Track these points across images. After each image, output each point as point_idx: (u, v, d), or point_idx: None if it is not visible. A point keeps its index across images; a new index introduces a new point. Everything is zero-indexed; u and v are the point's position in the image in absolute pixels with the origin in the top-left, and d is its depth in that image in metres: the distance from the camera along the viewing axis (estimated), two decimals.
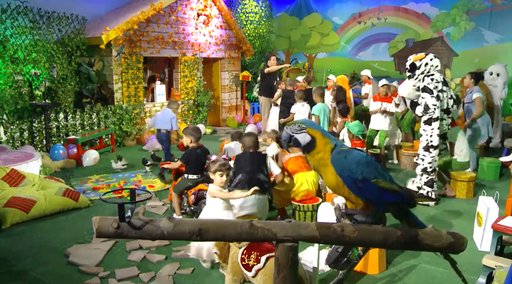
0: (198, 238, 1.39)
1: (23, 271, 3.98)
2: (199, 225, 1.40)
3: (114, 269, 4.00)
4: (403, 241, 1.44)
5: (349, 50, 13.80)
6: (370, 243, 1.47)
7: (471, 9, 11.48)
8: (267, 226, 1.41)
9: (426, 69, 5.86)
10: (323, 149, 2.05)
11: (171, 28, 10.74)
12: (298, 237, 1.41)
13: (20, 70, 8.15)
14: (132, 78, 9.89)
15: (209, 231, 1.39)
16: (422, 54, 5.94)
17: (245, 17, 14.08)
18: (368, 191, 1.96)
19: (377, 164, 2.05)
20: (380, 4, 13.04)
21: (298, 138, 2.07)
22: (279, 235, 1.41)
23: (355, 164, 1.98)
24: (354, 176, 1.98)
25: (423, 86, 5.82)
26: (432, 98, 5.73)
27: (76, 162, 7.84)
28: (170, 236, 1.39)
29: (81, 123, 8.96)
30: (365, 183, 1.96)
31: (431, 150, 5.84)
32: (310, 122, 2.18)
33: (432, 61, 5.87)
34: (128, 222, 1.43)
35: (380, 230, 1.45)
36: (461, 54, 11.81)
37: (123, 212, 1.46)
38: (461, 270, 1.94)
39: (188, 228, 1.38)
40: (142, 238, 1.42)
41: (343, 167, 2.00)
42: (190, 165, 5.18)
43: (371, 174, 2.01)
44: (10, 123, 7.78)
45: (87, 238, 4.72)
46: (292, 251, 1.42)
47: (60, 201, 5.47)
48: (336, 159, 2.03)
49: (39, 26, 8.47)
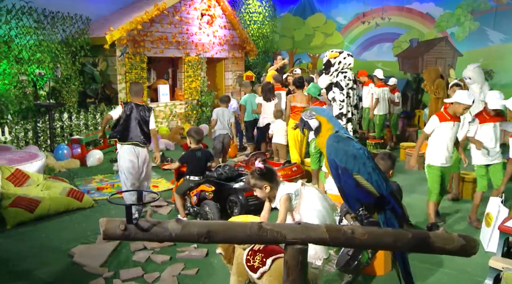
0: (206, 240, 1.37)
1: (28, 271, 3.98)
2: (207, 227, 1.38)
3: (119, 269, 3.99)
4: (414, 244, 1.43)
5: (353, 50, 13.72)
6: (380, 245, 1.46)
7: (476, 8, 11.42)
8: (276, 228, 1.39)
9: (340, 66, 6.23)
10: (326, 134, 2.24)
11: (174, 28, 10.74)
12: (308, 239, 1.40)
13: (25, 70, 8.17)
14: (136, 78, 9.89)
15: (217, 233, 1.37)
16: (336, 53, 6.29)
17: (249, 17, 14.07)
18: (344, 181, 2.10)
19: (369, 162, 2.13)
20: (384, 4, 12.99)
21: (310, 123, 2.32)
22: (289, 237, 1.39)
23: (343, 151, 2.14)
24: (338, 161, 2.14)
25: (335, 81, 6.25)
26: (341, 94, 6.20)
27: (80, 162, 7.84)
28: (178, 238, 1.38)
29: (85, 123, 8.96)
30: (344, 173, 2.11)
31: None
32: (320, 109, 2.42)
33: (346, 59, 6.23)
34: (136, 224, 1.42)
35: (390, 232, 1.44)
36: (466, 54, 11.75)
37: (131, 214, 1.44)
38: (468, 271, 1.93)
39: (196, 230, 1.37)
40: (150, 240, 1.41)
41: (331, 149, 2.17)
42: (191, 167, 5.16)
43: (355, 167, 2.16)
44: (15, 123, 7.80)
45: (92, 238, 4.71)
46: (301, 254, 1.41)
47: (64, 201, 5.48)
48: (328, 140, 2.20)
49: (44, 26, 8.49)
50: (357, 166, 2.12)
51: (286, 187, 3.26)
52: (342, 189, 2.15)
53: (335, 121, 2.32)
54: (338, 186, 2.17)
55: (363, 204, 2.14)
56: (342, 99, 6.22)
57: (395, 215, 2.18)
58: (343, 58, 6.27)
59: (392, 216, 2.17)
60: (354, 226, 1.42)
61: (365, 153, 2.18)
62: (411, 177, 7.09)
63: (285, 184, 3.32)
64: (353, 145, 2.18)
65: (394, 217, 2.17)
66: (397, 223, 2.15)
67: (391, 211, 2.17)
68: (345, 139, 2.19)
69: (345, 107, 6.27)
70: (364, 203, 2.16)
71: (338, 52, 6.36)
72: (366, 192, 2.12)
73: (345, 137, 2.20)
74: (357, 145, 2.21)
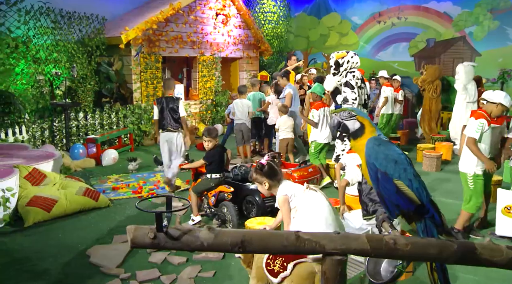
0: (240, 250, 1.31)
1: (46, 270, 3.97)
2: (241, 236, 1.31)
3: (135, 270, 3.96)
4: (459, 256, 1.35)
5: (368, 50, 13.60)
6: (424, 256, 1.38)
7: (496, 7, 11.21)
8: (315, 238, 1.32)
9: (348, 65, 6.37)
10: (367, 137, 2.13)
11: (189, 27, 10.73)
12: (348, 250, 1.33)
13: (42, 70, 8.22)
14: (150, 77, 9.90)
15: (252, 243, 1.31)
16: (343, 52, 6.44)
17: (263, 17, 14.00)
18: (384, 186, 2.00)
19: (410, 168, 2.04)
20: (400, 3, 12.82)
21: (348, 124, 2.17)
22: (328, 248, 1.32)
23: (383, 155, 2.04)
24: (377, 165, 2.03)
25: (345, 81, 6.34)
26: (352, 93, 6.31)
27: (95, 162, 7.86)
28: (210, 248, 1.32)
29: (100, 122, 8.99)
30: (384, 178, 2.01)
31: (346, 139, 6.36)
32: (359, 110, 2.29)
33: (353, 59, 6.40)
34: (166, 232, 1.36)
35: (434, 243, 1.36)
36: (484, 54, 11.53)
37: (161, 222, 1.38)
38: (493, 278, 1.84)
39: (230, 239, 1.30)
40: (180, 249, 1.36)
41: (371, 152, 2.06)
42: (214, 164, 5.12)
43: (395, 172, 2.05)
44: (32, 122, 7.85)
45: (108, 239, 4.70)
46: (341, 265, 1.34)
47: (80, 200, 5.48)
48: (369, 142, 2.09)
49: (61, 26, 8.54)
50: (398, 171, 2.04)
51: (285, 188, 3.15)
52: (381, 194, 2.06)
53: (375, 124, 2.23)
54: (377, 191, 2.07)
55: (402, 211, 2.05)
56: (355, 98, 6.30)
57: (435, 224, 2.09)
58: (351, 57, 6.39)
59: (432, 225, 2.08)
60: (396, 236, 1.34)
61: (406, 159, 2.10)
62: (429, 177, 6.99)
63: (286, 184, 3.20)
64: (394, 149, 2.10)
65: (434, 226, 2.09)
66: (437, 232, 2.06)
67: (431, 219, 2.09)
68: (386, 142, 2.10)
69: (357, 106, 6.31)
70: (404, 211, 2.07)
71: (346, 52, 6.51)
72: (406, 199, 2.03)
73: (386, 141, 2.11)
74: (398, 150, 2.12)
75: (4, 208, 4.98)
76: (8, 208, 5.02)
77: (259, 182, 3.22)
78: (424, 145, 8.57)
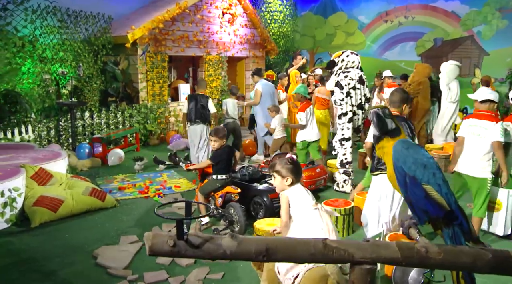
0: (264, 259, 1.25)
1: (53, 271, 3.93)
2: (266, 244, 1.25)
3: (143, 272, 3.91)
4: (494, 265, 1.28)
5: (375, 50, 13.51)
6: (457, 265, 1.32)
7: (505, 6, 11.09)
8: (343, 246, 1.26)
9: (343, 65, 6.18)
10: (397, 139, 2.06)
11: (196, 27, 10.68)
12: (378, 258, 1.26)
13: (48, 69, 8.20)
14: (157, 77, 9.87)
15: (277, 251, 1.24)
16: (340, 52, 6.32)
17: (270, 16, 13.94)
18: (412, 191, 1.92)
19: (439, 173, 1.94)
20: (407, 2, 12.72)
21: (388, 122, 2.11)
22: (356, 256, 1.25)
23: (412, 159, 1.96)
24: (406, 169, 1.96)
25: (336, 81, 6.20)
26: (341, 93, 6.14)
27: (101, 161, 7.83)
28: (233, 256, 1.25)
29: (106, 122, 8.97)
30: (413, 182, 1.93)
31: (344, 142, 6.29)
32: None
33: (348, 58, 6.18)
34: (186, 240, 1.30)
35: (467, 251, 1.29)
36: (492, 53, 11.42)
37: (182, 230, 1.31)
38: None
39: (254, 247, 1.24)
40: (201, 257, 1.29)
41: (399, 156, 1.99)
42: (221, 165, 5.06)
43: (425, 177, 1.97)
44: (38, 121, 7.83)
45: (115, 239, 4.65)
46: (370, 275, 1.28)
47: (87, 200, 5.44)
48: (397, 145, 2.02)
49: (67, 25, 8.52)
50: (427, 176, 1.96)
51: (295, 191, 3.00)
52: (409, 199, 1.98)
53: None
54: (404, 196, 1.99)
55: (430, 218, 1.98)
56: (342, 98, 6.20)
57: (462, 231, 2.01)
58: (346, 56, 6.24)
59: (459, 232, 2.00)
60: (427, 244, 1.28)
61: (435, 163, 2.02)
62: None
63: (298, 189, 3.02)
64: (423, 153, 2.03)
65: (461, 233, 2.01)
66: (464, 240, 1.99)
67: (459, 226, 2.00)
68: (414, 145, 2.02)
69: (344, 106, 6.22)
70: (433, 217, 1.99)
71: (342, 51, 6.38)
72: (435, 204, 1.95)
73: (414, 144, 2.04)
74: (427, 154, 2.04)
75: (11, 208, 4.95)
76: (14, 208, 4.99)
77: (282, 176, 3.03)
78: (432, 145, 8.48)
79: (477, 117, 4.39)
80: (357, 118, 6.37)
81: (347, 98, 6.18)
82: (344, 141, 6.28)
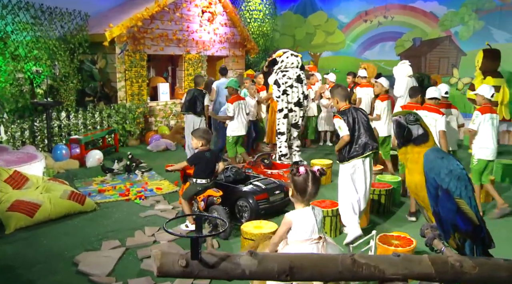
0: (288, 278, 1.14)
1: (31, 281, 3.73)
2: (289, 262, 1.14)
3: (127, 279, 3.76)
4: None
5: (355, 49, 13.55)
6: (493, 280, 1.24)
7: (481, 7, 11.26)
8: (373, 262, 1.16)
9: (282, 65, 6.69)
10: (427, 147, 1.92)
11: (175, 25, 10.48)
12: (410, 274, 1.17)
13: (21, 67, 7.88)
14: (135, 76, 9.63)
15: (302, 270, 1.13)
16: (281, 52, 6.82)
17: (249, 15, 13.81)
18: (443, 204, 1.77)
19: (469, 185, 1.84)
20: (387, 2, 12.80)
21: (412, 129, 1.97)
22: (388, 273, 1.16)
23: (447, 170, 1.82)
24: (439, 181, 1.82)
25: (274, 79, 6.78)
26: (278, 90, 6.72)
27: (79, 163, 7.57)
28: (253, 276, 1.13)
29: (84, 122, 8.69)
30: (445, 195, 1.78)
31: (279, 136, 6.99)
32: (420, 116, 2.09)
33: (288, 59, 6.71)
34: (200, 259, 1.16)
35: (503, 265, 1.22)
36: (470, 54, 11.57)
37: (197, 248, 1.17)
38: None
39: (276, 265, 1.12)
40: (217, 278, 1.17)
41: (432, 166, 1.85)
42: (199, 168, 4.88)
43: (457, 189, 1.83)
44: (11, 122, 7.51)
45: (96, 244, 4.47)
46: None
47: (65, 204, 5.22)
48: (430, 154, 1.88)
49: (41, 22, 8.19)
50: (460, 188, 1.83)
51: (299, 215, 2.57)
52: (438, 213, 1.84)
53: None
54: (433, 209, 1.85)
55: (458, 232, 1.85)
56: (278, 96, 6.77)
57: (482, 243, 1.91)
58: (286, 57, 6.73)
59: (480, 244, 1.90)
60: (461, 258, 1.20)
61: (467, 174, 1.91)
62: None
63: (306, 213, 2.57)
64: (456, 163, 1.88)
65: (482, 245, 1.90)
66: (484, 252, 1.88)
67: (481, 239, 1.90)
68: (448, 155, 1.90)
69: (280, 103, 6.78)
70: (462, 232, 1.85)
71: (283, 52, 6.88)
72: (466, 219, 1.83)
73: (447, 153, 1.90)
74: (460, 164, 1.91)
75: None
76: None
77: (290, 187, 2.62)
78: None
79: (427, 110, 5.22)
80: (295, 114, 6.92)
81: (283, 95, 6.72)
82: (280, 135, 6.96)
